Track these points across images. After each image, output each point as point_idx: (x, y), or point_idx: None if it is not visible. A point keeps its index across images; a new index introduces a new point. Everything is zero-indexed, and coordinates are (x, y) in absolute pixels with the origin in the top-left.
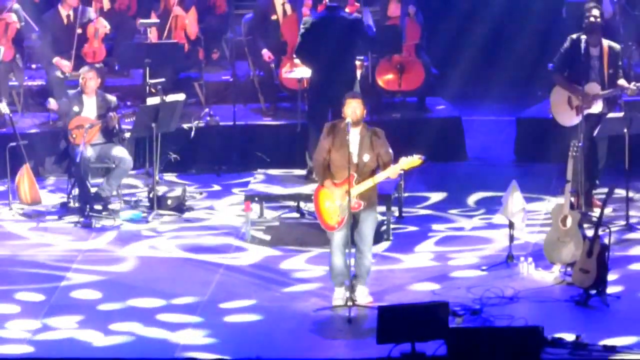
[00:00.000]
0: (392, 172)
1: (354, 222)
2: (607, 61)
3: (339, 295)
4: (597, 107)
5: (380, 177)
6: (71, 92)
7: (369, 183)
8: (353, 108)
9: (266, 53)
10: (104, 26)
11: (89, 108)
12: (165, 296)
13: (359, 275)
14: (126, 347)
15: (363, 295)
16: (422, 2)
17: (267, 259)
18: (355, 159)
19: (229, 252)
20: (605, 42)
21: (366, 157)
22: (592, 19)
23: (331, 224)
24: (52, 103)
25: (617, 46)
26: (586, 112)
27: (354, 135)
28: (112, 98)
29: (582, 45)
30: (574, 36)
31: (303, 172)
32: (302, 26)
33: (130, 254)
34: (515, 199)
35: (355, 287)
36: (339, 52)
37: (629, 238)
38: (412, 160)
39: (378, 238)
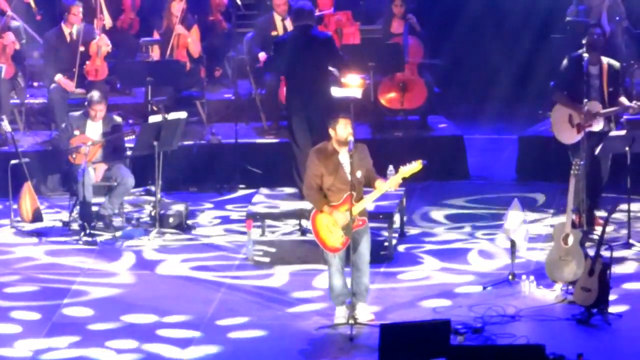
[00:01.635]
0: (394, 182)
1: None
2: (606, 79)
3: (341, 314)
4: (597, 126)
5: (384, 188)
6: (74, 114)
7: (368, 200)
8: (347, 127)
9: (262, 56)
10: (106, 44)
11: (93, 131)
12: (167, 314)
13: (358, 293)
14: None
15: (365, 313)
16: (423, 19)
17: (269, 278)
18: (349, 178)
19: (230, 271)
20: (605, 60)
21: (359, 174)
22: (594, 36)
23: (336, 246)
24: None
25: (616, 64)
26: (587, 130)
27: (343, 154)
28: (117, 118)
29: (583, 63)
30: (574, 54)
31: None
32: (272, 46)
33: (132, 272)
34: (516, 218)
35: (356, 305)
36: (312, 71)
37: (631, 256)
38: (413, 167)
39: (380, 258)
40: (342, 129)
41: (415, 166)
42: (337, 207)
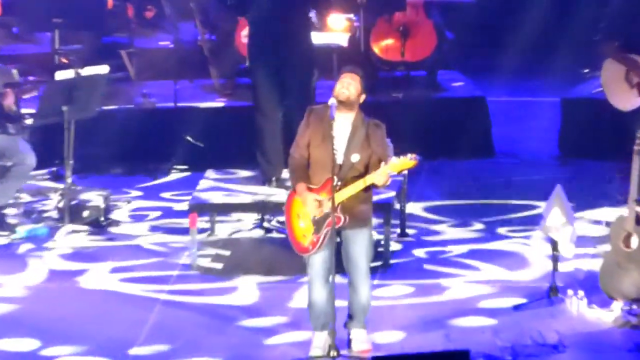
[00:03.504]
0: (379, 176)
1: (340, 244)
2: None
3: (319, 343)
4: None
5: (366, 181)
6: None
7: (351, 189)
8: (344, 83)
9: None
10: None
11: None
12: (77, 340)
13: (353, 316)
14: None
15: (360, 341)
16: None
17: (221, 292)
18: (340, 158)
19: (167, 283)
20: None
21: (355, 158)
22: None
23: (304, 244)
24: None
25: None
26: None
27: (344, 125)
28: (10, 71)
29: None
30: None
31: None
32: None
33: (30, 284)
34: (560, 211)
35: (350, 329)
36: (285, 9)
37: None
38: (403, 163)
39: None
40: (339, 87)
41: (406, 162)
42: (314, 191)
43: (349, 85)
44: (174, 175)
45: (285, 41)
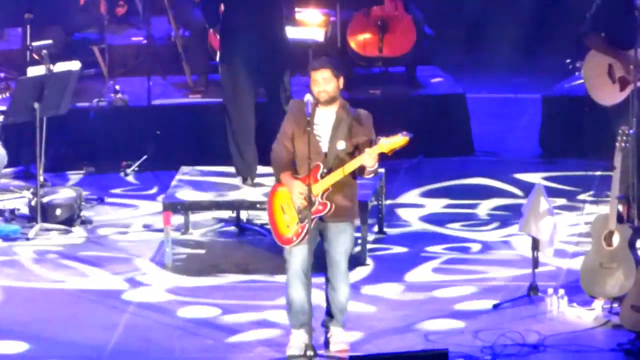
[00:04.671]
0: (368, 157)
1: (321, 241)
2: None
3: (296, 342)
4: None
5: (352, 165)
6: None
7: (338, 174)
8: (319, 84)
9: None
10: None
11: None
12: (53, 346)
13: (332, 315)
14: None
15: (336, 341)
16: None
17: (195, 292)
18: (324, 147)
19: (141, 282)
20: None
21: (340, 145)
22: None
23: (287, 235)
24: None
25: None
26: (638, 84)
27: (327, 116)
28: None
29: None
30: None
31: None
32: None
33: (1, 285)
34: (540, 209)
35: (328, 328)
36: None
37: None
38: (394, 141)
39: (350, 262)
40: (313, 86)
41: (397, 140)
42: (298, 179)
43: (326, 85)
44: (146, 173)
45: (260, 34)
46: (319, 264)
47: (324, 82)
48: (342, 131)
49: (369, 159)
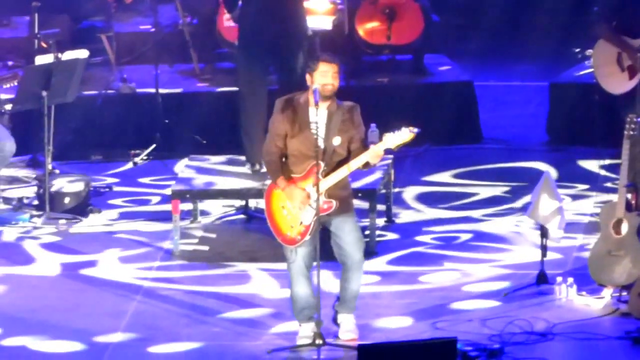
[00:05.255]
0: (373, 154)
1: (326, 233)
2: None
3: (306, 333)
4: None
5: (358, 162)
6: None
7: (342, 172)
8: (329, 77)
9: None
10: None
11: None
12: (60, 333)
13: (343, 302)
14: None
15: (346, 330)
16: None
17: (203, 280)
18: (321, 144)
19: (149, 269)
20: None
21: (337, 141)
22: None
23: (291, 235)
24: None
25: None
26: None
27: (320, 112)
28: None
29: None
30: None
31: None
32: None
33: (10, 273)
34: (548, 197)
35: (338, 314)
36: None
37: None
38: (401, 136)
39: None
40: (320, 77)
41: (403, 136)
42: (298, 180)
43: (334, 79)
44: (154, 161)
45: (279, 18)
46: (327, 250)
47: (334, 77)
48: (335, 126)
49: (374, 156)
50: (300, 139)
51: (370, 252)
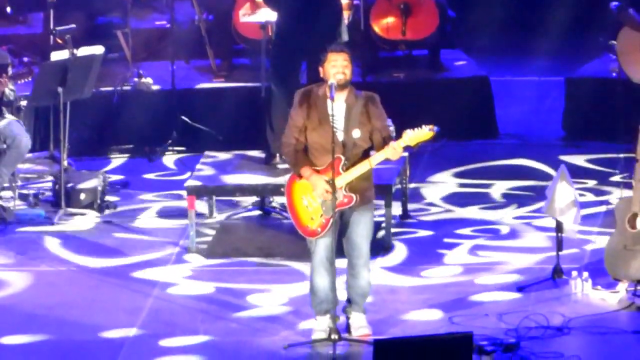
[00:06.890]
0: (393, 151)
1: (341, 226)
2: None
3: (322, 327)
4: None
5: (378, 158)
6: None
7: (363, 167)
8: (339, 66)
9: None
10: None
11: None
12: (78, 330)
13: (353, 300)
14: None
15: (359, 326)
16: None
17: (218, 276)
18: (340, 137)
19: (165, 265)
20: None
21: (356, 134)
22: None
23: (312, 227)
24: None
25: None
26: None
27: (338, 105)
28: (4, 54)
29: None
30: None
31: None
32: None
33: (27, 269)
34: (564, 192)
35: (349, 314)
36: None
37: None
38: (420, 134)
39: (374, 246)
40: (331, 68)
41: (423, 133)
42: (320, 172)
43: (345, 68)
44: (170, 157)
45: (316, 25)
46: (339, 247)
47: (344, 67)
48: (355, 119)
49: (394, 152)
50: (320, 132)
51: (386, 247)
